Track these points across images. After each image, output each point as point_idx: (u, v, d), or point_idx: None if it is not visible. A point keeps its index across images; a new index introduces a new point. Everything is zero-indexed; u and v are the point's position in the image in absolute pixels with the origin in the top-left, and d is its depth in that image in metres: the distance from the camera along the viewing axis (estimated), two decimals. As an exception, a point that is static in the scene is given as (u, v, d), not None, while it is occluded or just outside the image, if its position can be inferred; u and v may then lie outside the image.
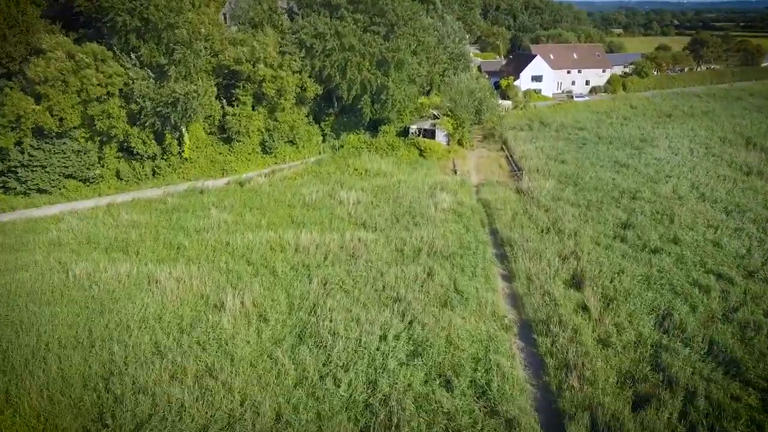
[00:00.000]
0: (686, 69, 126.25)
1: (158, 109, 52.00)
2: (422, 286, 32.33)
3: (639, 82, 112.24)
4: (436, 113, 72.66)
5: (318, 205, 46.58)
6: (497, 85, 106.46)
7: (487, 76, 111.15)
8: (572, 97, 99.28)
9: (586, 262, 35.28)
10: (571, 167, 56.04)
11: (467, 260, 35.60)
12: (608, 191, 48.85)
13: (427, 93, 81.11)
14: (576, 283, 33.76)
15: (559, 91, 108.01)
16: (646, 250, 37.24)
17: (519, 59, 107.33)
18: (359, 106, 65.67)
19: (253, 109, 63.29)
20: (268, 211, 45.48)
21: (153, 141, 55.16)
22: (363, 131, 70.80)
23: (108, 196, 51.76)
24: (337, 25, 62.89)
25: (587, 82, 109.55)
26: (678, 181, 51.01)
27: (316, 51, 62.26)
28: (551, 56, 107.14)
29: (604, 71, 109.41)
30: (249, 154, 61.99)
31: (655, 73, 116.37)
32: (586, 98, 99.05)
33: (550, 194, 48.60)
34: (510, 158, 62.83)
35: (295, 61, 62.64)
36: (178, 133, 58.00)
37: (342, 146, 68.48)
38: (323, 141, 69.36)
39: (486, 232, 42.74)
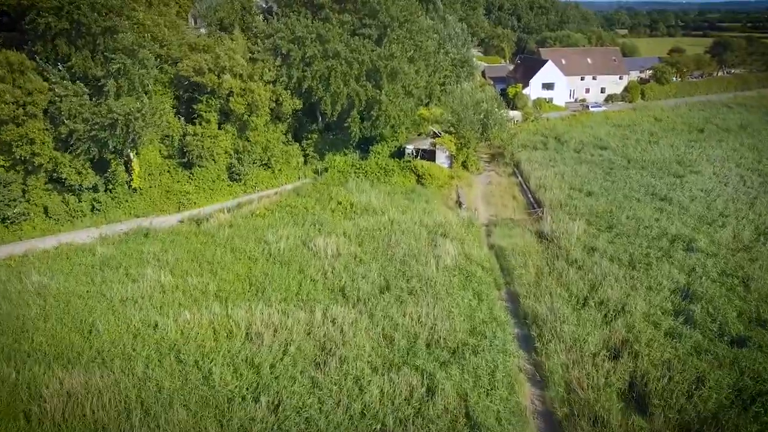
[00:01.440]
0: (705, 74, 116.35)
1: (93, 132, 41.89)
2: (419, 411, 22.29)
3: (659, 90, 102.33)
4: (436, 131, 62.58)
5: (287, 257, 36.49)
6: (503, 93, 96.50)
7: (492, 83, 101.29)
8: (588, 107, 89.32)
9: (647, 362, 25.23)
10: (601, 202, 45.97)
11: (482, 358, 25.53)
12: (653, 238, 38.82)
13: (426, 104, 70.85)
14: (637, 398, 23.77)
15: (572, 100, 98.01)
16: (725, 339, 27.21)
17: (528, 64, 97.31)
18: (346, 124, 55.60)
19: (220, 128, 53.25)
20: (222, 267, 35.37)
21: (90, 170, 45.02)
22: (352, 150, 60.82)
23: (28, 241, 41.62)
24: (319, 27, 52.78)
25: (602, 90, 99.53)
26: (738, 223, 40.98)
27: (294, 59, 52.16)
28: (563, 61, 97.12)
29: (621, 78, 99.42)
30: (213, 182, 51.85)
31: (675, 79, 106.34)
32: (603, 108, 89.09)
33: (581, 242, 38.59)
34: (525, 186, 52.76)
35: (269, 70, 52.54)
36: (126, 159, 47.94)
37: (327, 169, 58.44)
38: (305, 163, 59.30)
39: (503, 300, 32.75)
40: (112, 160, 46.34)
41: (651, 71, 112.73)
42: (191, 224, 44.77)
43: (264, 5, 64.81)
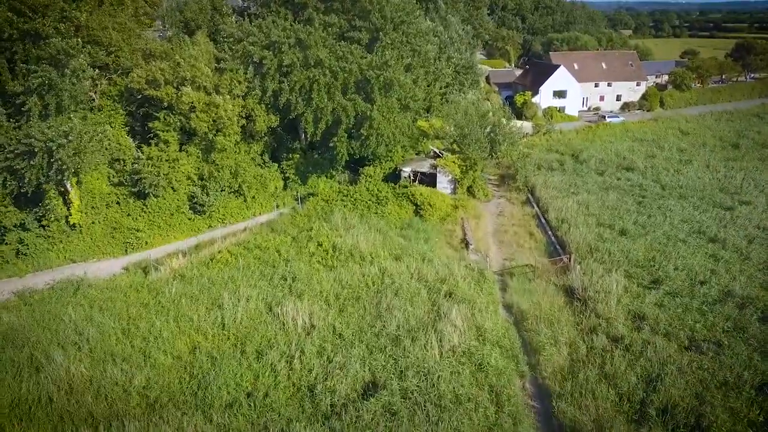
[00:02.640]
0: (727, 80, 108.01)
1: (7, 162, 33.51)
2: None
3: (679, 97, 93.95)
4: (436, 150, 54.19)
5: (245, 331, 28.14)
6: (510, 101, 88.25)
7: (497, 90, 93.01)
8: (604, 117, 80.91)
9: None
10: (639, 244, 37.57)
11: None
12: (715, 301, 30.45)
13: (426, 117, 62.09)
14: None
15: (585, 109, 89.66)
16: None
17: (537, 70, 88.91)
18: (331, 144, 47.25)
19: (181, 149, 44.91)
20: (159, 346, 26.97)
21: (11, 207, 36.66)
22: (340, 171, 52.55)
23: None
24: (298, 31, 44.38)
25: (618, 98, 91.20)
26: (818, 278, 32.65)
27: (268, 68, 43.77)
28: (576, 66, 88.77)
29: (638, 84, 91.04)
30: (171, 215, 43.45)
31: (695, 85, 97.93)
32: (621, 118, 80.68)
33: (622, 306, 30.24)
34: (543, 220, 44.33)
35: (238, 82, 44.15)
36: (63, 189, 39.62)
37: (311, 195, 50.13)
38: (284, 187, 50.93)
39: (529, 395, 24.42)
40: (47, 191, 38.01)
41: (668, 76, 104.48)
42: (136, 273, 36.40)
43: (241, 4, 56.38)
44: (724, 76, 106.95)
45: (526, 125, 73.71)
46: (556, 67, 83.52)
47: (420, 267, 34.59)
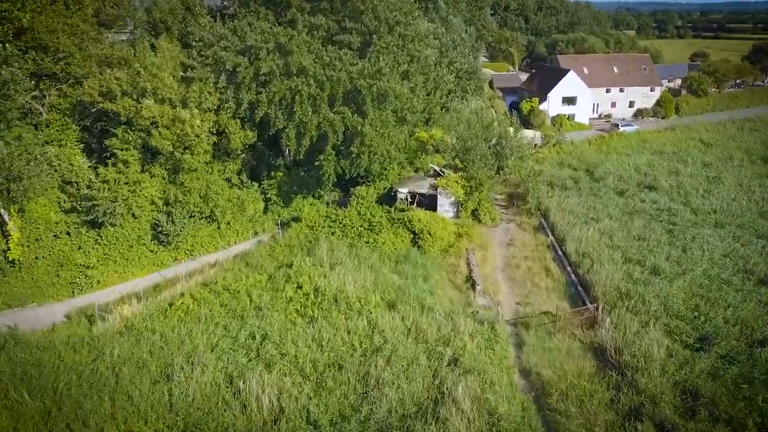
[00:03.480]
0: (745, 84, 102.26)
1: None
2: None
3: (695, 103, 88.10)
4: (436, 168, 48.37)
5: (195, 415, 22.29)
6: (515, 108, 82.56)
7: (500, 95, 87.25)
8: (617, 125, 75.08)
9: None
10: (677, 288, 31.70)
11: None
12: (783, 369, 24.62)
13: (426, 123, 56.01)
14: None
15: (596, 116, 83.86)
16: None
17: (545, 74, 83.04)
18: (317, 163, 41.46)
19: (144, 170, 39.07)
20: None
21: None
22: (328, 190, 46.87)
23: None
24: (278, 34, 38.56)
25: (631, 104, 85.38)
26: None
27: (243, 77, 37.94)
28: (585, 70, 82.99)
29: (652, 89, 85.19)
30: (130, 247, 37.64)
31: (713, 90, 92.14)
32: (635, 127, 74.87)
33: (667, 376, 24.41)
34: (560, 252, 38.44)
35: (209, 93, 38.32)
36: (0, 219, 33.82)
37: (295, 219, 44.38)
38: (265, 210, 45.13)
39: None
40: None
41: (682, 80, 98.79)
42: (79, 323, 30.63)
43: (219, 3, 50.48)
44: (741, 81, 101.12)
45: (536, 135, 67.89)
46: (566, 71, 77.72)
47: (418, 320, 28.71)
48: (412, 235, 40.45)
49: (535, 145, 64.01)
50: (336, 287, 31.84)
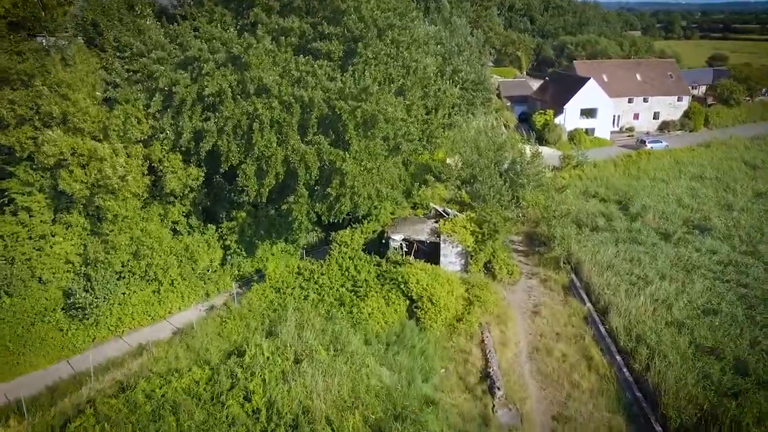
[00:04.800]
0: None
1: None
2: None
3: (726, 114, 78.98)
4: (439, 209, 39.15)
5: None
6: (525, 119, 73.54)
7: (509, 104, 78.06)
8: (643, 141, 65.90)
9: None
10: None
11: None
12: None
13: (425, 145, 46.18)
14: None
15: (616, 129, 74.66)
16: None
17: (560, 83, 73.72)
18: (284, 208, 32.24)
19: (55, 221, 29.75)
20: None
21: None
22: (304, 233, 37.75)
23: None
24: (231, 41, 29.30)
25: (655, 116, 76.17)
26: None
27: (184, 98, 28.65)
28: (605, 78, 73.84)
29: (680, 99, 75.95)
30: (32, 325, 28.28)
31: (746, 99, 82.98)
32: (664, 143, 65.68)
33: None
34: (603, 330, 29.07)
35: (137, 121, 29.05)
36: None
37: (260, 274, 35.21)
38: (223, 262, 35.80)
39: None
40: None
41: (706, 87, 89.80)
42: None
43: (173, 2, 41.09)
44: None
45: (554, 155, 58.74)
46: (584, 80, 68.48)
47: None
48: (408, 302, 31.17)
49: (553, 168, 54.80)
50: (299, 400, 22.56)
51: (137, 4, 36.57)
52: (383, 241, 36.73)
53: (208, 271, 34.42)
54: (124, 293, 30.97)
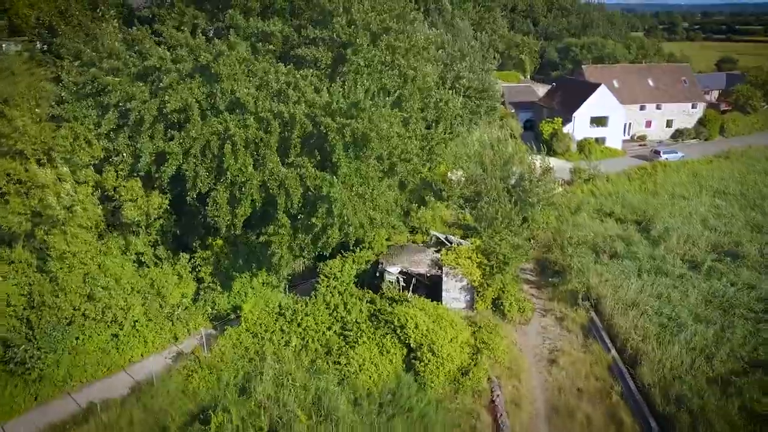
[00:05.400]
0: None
1: None
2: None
3: (743, 121, 74.81)
4: (441, 236, 34.89)
5: None
6: (529, 127, 69.41)
7: (513, 111, 73.93)
8: (658, 152, 61.72)
9: None
10: None
11: None
12: None
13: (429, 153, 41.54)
14: None
15: (627, 137, 70.45)
16: None
17: (568, 89, 69.50)
18: (262, 239, 28.06)
19: (-7, 257, 25.46)
20: None
21: None
22: (298, 256, 33.39)
23: None
24: (197, 48, 25.10)
25: (669, 123, 71.98)
26: None
27: (142, 115, 24.42)
28: (615, 83, 69.65)
29: (694, 106, 71.80)
30: (-41, 385, 24.03)
31: (764, 106, 78.82)
32: (680, 154, 61.49)
33: None
34: (633, 387, 24.80)
35: (88, 141, 24.81)
36: None
37: (238, 312, 30.95)
38: (195, 298, 31.53)
39: None
40: None
41: (719, 93, 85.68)
42: None
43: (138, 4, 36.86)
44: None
45: (563, 167, 54.49)
46: (595, 86, 64.29)
47: None
48: (405, 350, 26.95)
49: (562, 182, 50.60)
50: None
51: (100, 5, 32.40)
52: (377, 273, 32.50)
53: (178, 308, 30.17)
54: (77, 338, 26.76)
